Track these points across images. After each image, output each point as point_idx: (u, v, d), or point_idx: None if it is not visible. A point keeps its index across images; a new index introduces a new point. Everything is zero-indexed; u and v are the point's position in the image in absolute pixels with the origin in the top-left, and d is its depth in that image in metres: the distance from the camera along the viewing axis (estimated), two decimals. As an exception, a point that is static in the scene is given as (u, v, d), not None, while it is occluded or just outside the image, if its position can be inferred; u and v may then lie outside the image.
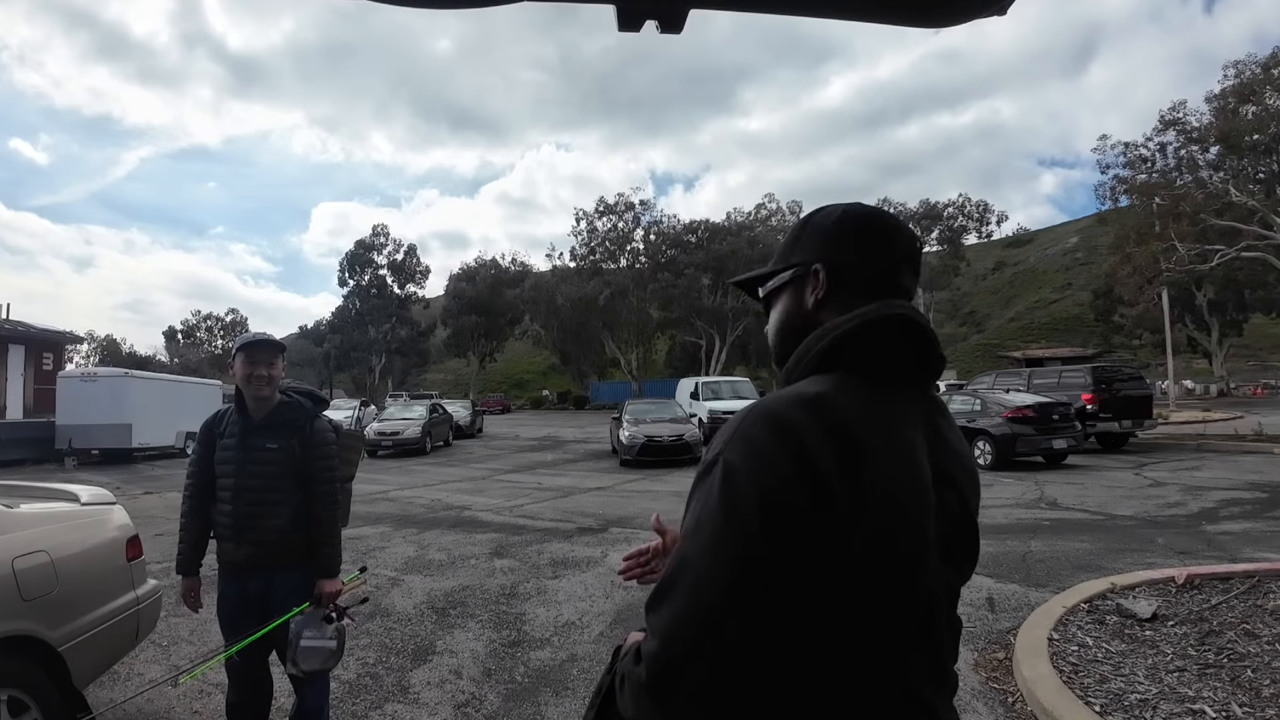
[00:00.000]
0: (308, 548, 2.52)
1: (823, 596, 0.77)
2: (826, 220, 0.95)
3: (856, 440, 0.77)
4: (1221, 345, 39.61)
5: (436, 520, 8.44)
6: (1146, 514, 7.79)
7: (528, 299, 49.45)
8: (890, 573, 0.79)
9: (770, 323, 1.00)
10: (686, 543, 0.78)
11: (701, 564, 0.76)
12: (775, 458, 0.75)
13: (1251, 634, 3.59)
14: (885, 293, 0.89)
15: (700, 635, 0.75)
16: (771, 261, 1.01)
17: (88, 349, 62.51)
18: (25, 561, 2.44)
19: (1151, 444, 15.42)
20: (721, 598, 0.75)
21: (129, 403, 17.37)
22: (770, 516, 0.74)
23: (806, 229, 0.97)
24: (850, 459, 0.76)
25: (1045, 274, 74.26)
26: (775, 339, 0.99)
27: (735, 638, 0.75)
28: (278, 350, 2.54)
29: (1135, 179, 27.43)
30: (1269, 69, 24.38)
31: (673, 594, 0.77)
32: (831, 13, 0.66)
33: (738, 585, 0.75)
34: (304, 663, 2.42)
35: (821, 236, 0.94)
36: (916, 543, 0.80)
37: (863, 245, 0.92)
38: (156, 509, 9.13)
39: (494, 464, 15.76)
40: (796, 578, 0.76)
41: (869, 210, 0.96)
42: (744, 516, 0.74)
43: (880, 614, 0.79)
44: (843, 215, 0.94)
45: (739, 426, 0.80)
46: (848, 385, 0.81)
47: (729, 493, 0.75)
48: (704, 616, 0.75)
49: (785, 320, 0.96)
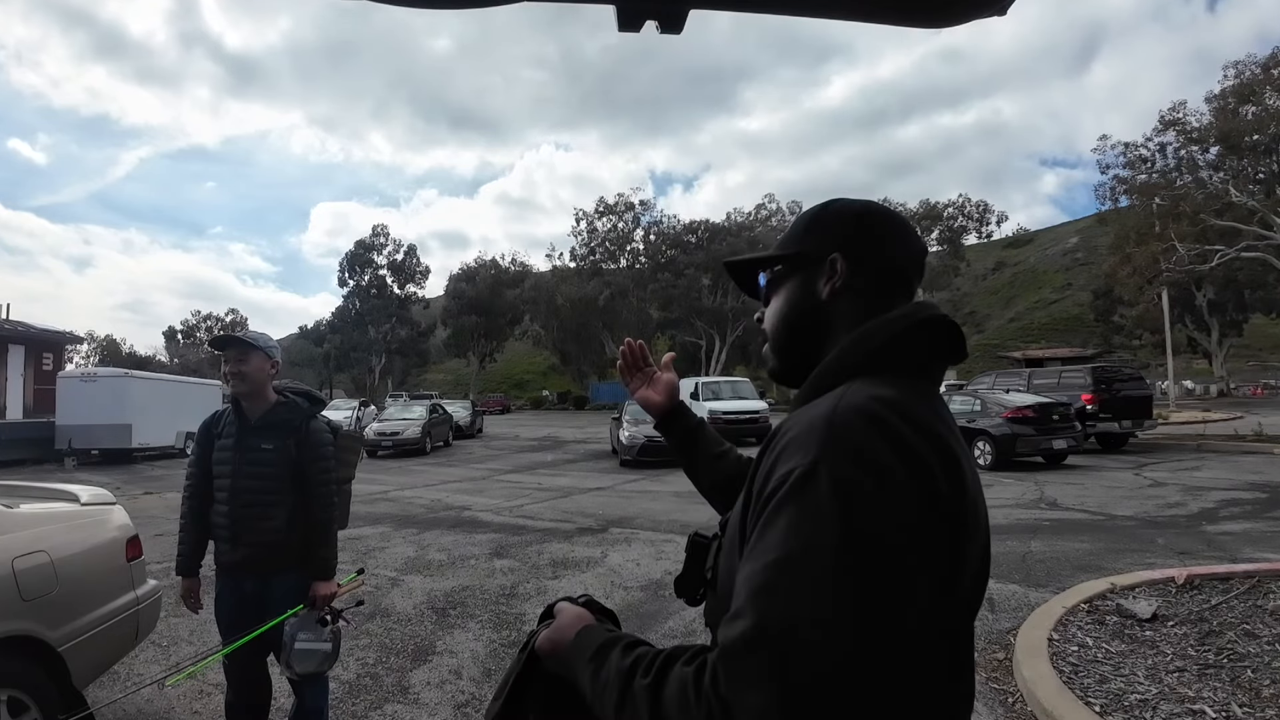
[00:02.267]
0: (304, 549, 2.51)
1: (926, 629, 0.66)
2: (848, 211, 0.91)
3: (952, 450, 0.71)
4: (1221, 345, 39.62)
5: (436, 520, 8.44)
6: (1146, 514, 7.79)
7: (528, 299, 49.48)
8: (972, 596, 0.74)
9: (771, 310, 0.94)
10: (776, 587, 0.63)
11: (792, 581, 0.63)
12: (892, 468, 0.66)
13: (1251, 634, 3.59)
14: (898, 291, 0.87)
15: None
16: (778, 244, 0.94)
17: (88, 349, 62.58)
18: (25, 561, 2.44)
19: (1151, 444, 15.42)
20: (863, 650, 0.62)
21: (129, 403, 17.36)
22: (901, 538, 0.64)
23: (821, 218, 0.92)
24: (953, 462, 0.70)
25: (1045, 274, 74.27)
26: (777, 326, 0.92)
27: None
28: (247, 346, 2.50)
29: (1135, 179, 27.47)
30: (1269, 69, 24.41)
31: (757, 620, 0.63)
32: (831, 13, 0.66)
33: (879, 633, 0.62)
34: (298, 665, 2.41)
35: (842, 227, 0.89)
36: (986, 560, 0.76)
37: (884, 241, 0.88)
38: (156, 509, 9.13)
39: (494, 464, 15.76)
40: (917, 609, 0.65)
41: (889, 209, 0.94)
42: (863, 531, 0.63)
43: (957, 640, 0.73)
44: (865, 208, 0.91)
45: (824, 427, 0.69)
46: (910, 389, 0.75)
47: (820, 497, 0.64)
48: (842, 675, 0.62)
49: (791, 310, 0.91)
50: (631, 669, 0.75)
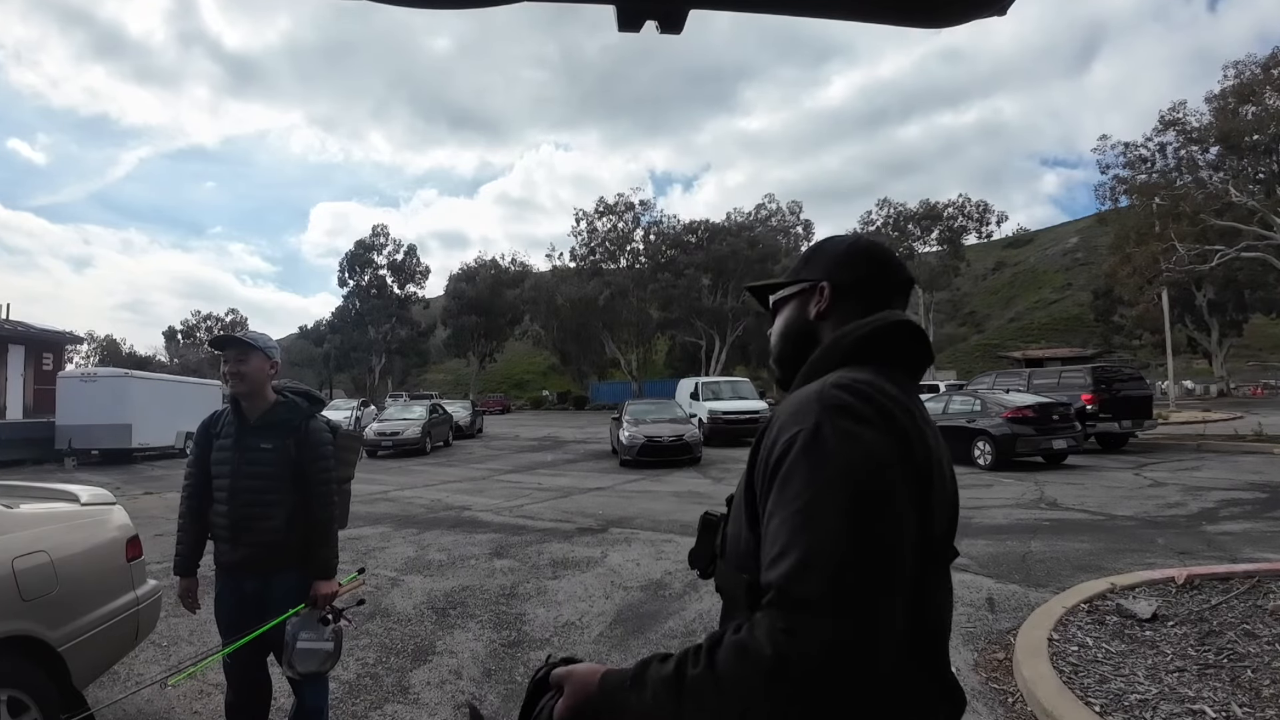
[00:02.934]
0: (304, 549, 2.51)
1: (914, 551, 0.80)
2: (838, 246, 1.11)
3: (913, 413, 0.88)
4: (1221, 345, 39.61)
5: (436, 520, 8.43)
6: (1146, 514, 7.79)
7: (528, 299, 49.44)
8: (946, 544, 0.89)
9: (775, 326, 1.15)
10: (811, 521, 0.76)
11: (821, 519, 0.76)
12: (872, 419, 0.82)
13: (1251, 634, 3.58)
14: (876, 311, 1.02)
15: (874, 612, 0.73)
16: (787, 274, 1.16)
17: (87, 349, 62.56)
18: (25, 562, 2.44)
19: (1151, 444, 15.41)
20: (890, 568, 0.76)
21: (129, 403, 17.35)
22: (892, 478, 0.79)
23: (819, 251, 1.13)
24: (917, 428, 0.87)
25: (1045, 274, 74.24)
26: (777, 340, 1.13)
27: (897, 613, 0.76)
28: (246, 346, 2.50)
29: (1135, 179, 27.46)
30: (1269, 69, 24.39)
31: (801, 556, 0.75)
32: (831, 13, 0.66)
33: (897, 554, 0.77)
34: (300, 665, 2.41)
35: (831, 259, 1.09)
36: (954, 516, 0.93)
37: (864, 270, 1.06)
38: (156, 509, 9.13)
39: (494, 464, 15.75)
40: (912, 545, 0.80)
41: (874, 243, 1.13)
42: (865, 470, 0.78)
43: (936, 586, 0.87)
44: (852, 243, 1.10)
45: (815, 400, 0.85)
46: (880, 374, 0.92)
47: (828, 451, 0.79)
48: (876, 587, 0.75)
49: (788, 326, 1.11)
50: (678, 668, 0.80)
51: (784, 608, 0.73)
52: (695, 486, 11.26)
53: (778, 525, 0.78)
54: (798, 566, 0.74)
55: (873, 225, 45.05)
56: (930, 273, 43.94)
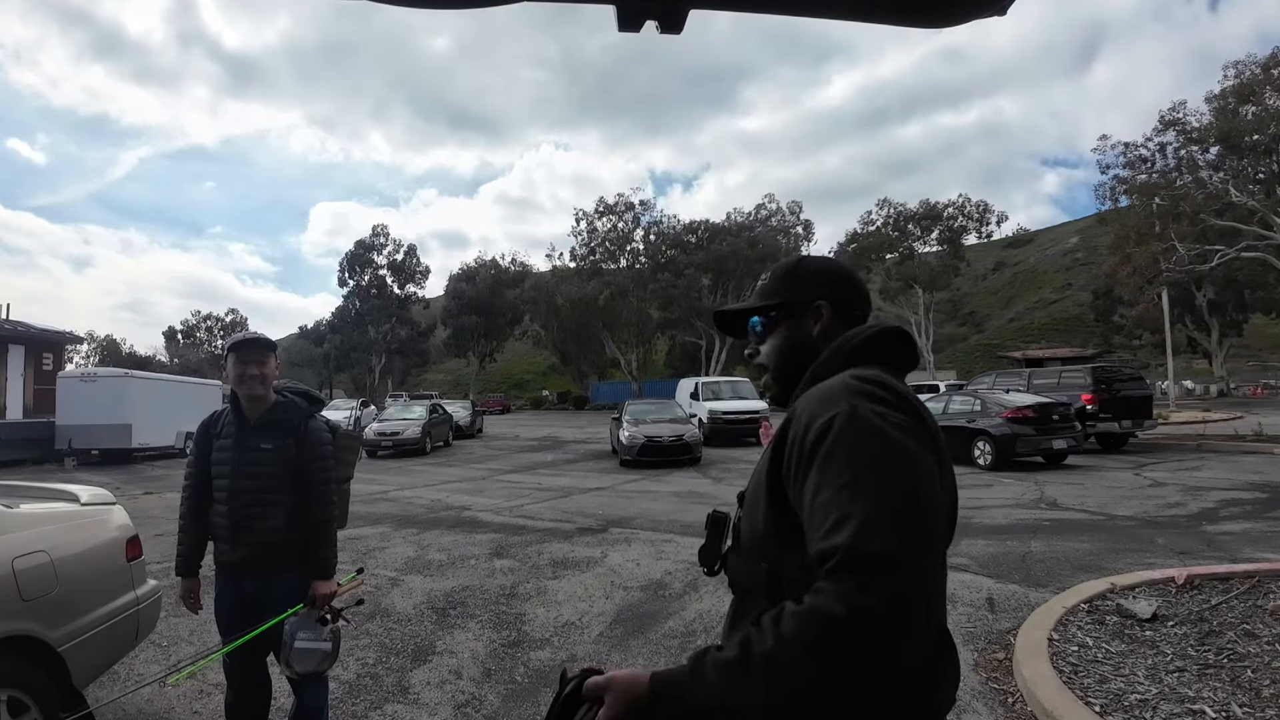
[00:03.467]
0: (304, 549, 2.51)
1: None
2: (831, 270, 1.19)
3: (922, 403, 0.99)
4: (1221, 345, 39.60)
5: (436, 520, 8.43)
6: (1146, 514, 7.79)
7: (528, 299, 49.42)
8: (951, 516, 0.99)
9: (769, 348, 1.18)
10: (867, 488, 0.82)
11: (874, 485, 0.82)
12: (898, 404, 0.93)
13: (1251, 634, 3.58)
14: (858, 325, 1.14)
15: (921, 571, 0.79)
16: (755, 298, 1.22)
17: (88, 349, 62.52)
18: (25, 562, 2.44)
19: (1151, 444, 15.41)
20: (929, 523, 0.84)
21: (129, 403, 17.36)
22: (925, 450, 0.89)
23: (799, 274, 1.19)
24: (930, 415, 0.98)
25: (1045, 274, 74.23)
26: (777, 360, 1.17)
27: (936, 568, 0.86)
28: (268, 349, 2.52)
29: (1135, 179, 27.45)
30: (1269, 69, 24.39)
31: (865, 517, 0.80)
32: (831, 13, 0.66)
33: (934, 509, 0.86)
34: (298, 664, 2.41)
35: (827, 282, 1.16)
36: (955, 503, 1.02)
37: (850, 292, 1.17)
38: (156, 509, 9.13)
39: (494, 464, 15.75)
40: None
41: (850, 267, 1.27)
42: (902, 443, 0.86)
43: (944, 562, 0.94)
44: (840, 267, 1.21)
45: (841, 389, 0.93)
46: (885, 372, 1.01)
47: (866, 428, 0.87)
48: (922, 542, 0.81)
49: (789, 345, 1.16)
50: (743, 649, 0.81)
51: (852, 568, 0.77)
52: (695, 486, 11.26)
53: (830, 497, 0.83)
54: (863, 527, 0.78)
55: (873, 225, 44.95)
56: (930, 273, 43.85)
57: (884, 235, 44.32)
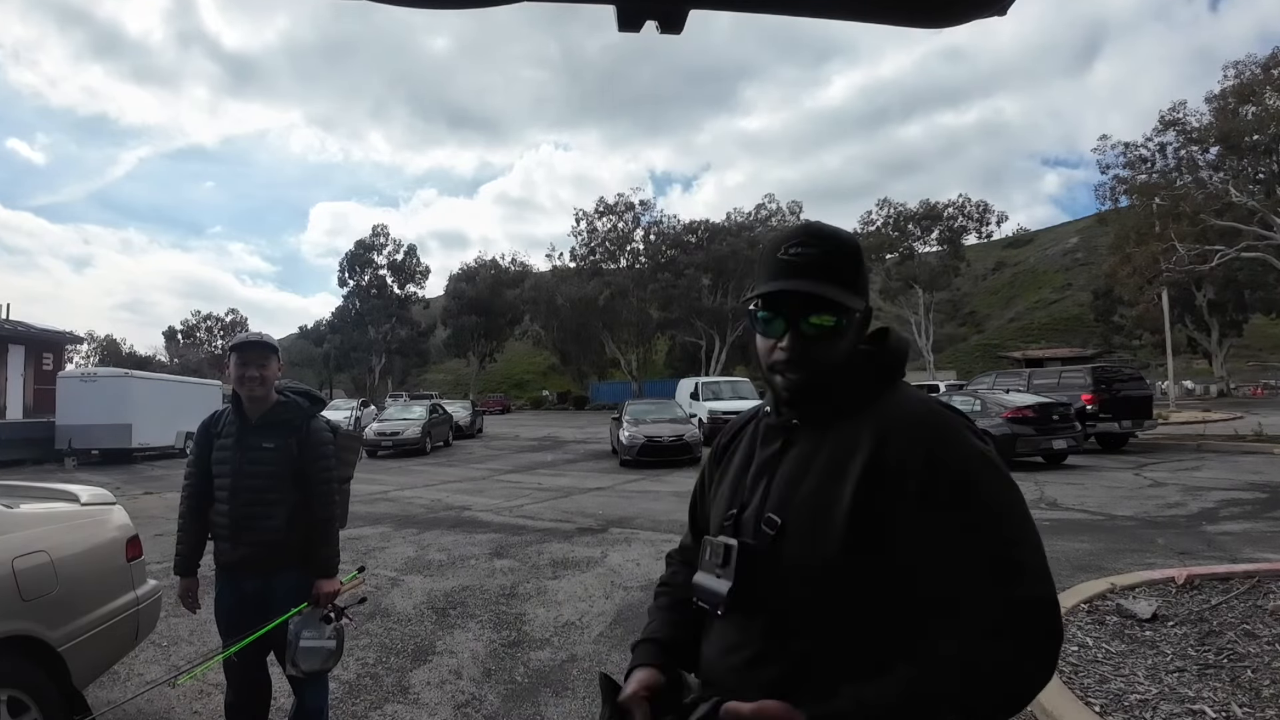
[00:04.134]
0: (305, 548, 2.51)
1: None
2: (863, 260, 1.05)
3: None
4: (1221, 345, 39.59)
5: (436, 520, 8.43)
6: (1146, 514, 7.79)
7: (528, 299, 49.43)
8: None
9: (837, 352, 0.99)
10: (1027, 536, 0.88)
11: (1030, 531, 0.89)
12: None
13: (1251, 634, 3.58)
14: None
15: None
16: (845, 287, 0.98)
17: (88, 349, 62.50)
18: (25, 561, 2.44)
19: (1151, 444, 15.41)
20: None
21: (129, 403, 17.36)
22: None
23: (864, 268, 1.04)
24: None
25: (1045, 274, 74.25)
26: (833, 372, 0.99)
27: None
28: (270, 351, 2.52)
29: (1135, 179, 27.45)
30: (1269, 69, 24.39)
31: (1035, 565, 0.87)
32: (831, 13, 0.66)
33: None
34: (303, 663, 2.42)
35: (866, 279, 1.06)
36: None
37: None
38: (156, 509, 9.13)
39: (494, 464, 15.75)
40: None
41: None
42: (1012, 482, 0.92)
43: None
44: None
45: (947, 419, 0.94)
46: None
47: (1002, 470, 0.91)
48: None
49: (846, 350, 1.01)
50: (910, 688, 0.83)
51: (1042, 617, 0.85)
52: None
53: (984, 540, 0.86)
54: (1038, 578, 0.86)
55: (873, 225, 44.95)
56: (930, 273, 43.86)
57: (884, 235, 44.32)
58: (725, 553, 0.98)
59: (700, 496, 1.24)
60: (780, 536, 0.96)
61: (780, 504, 0.98)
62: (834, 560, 0.91)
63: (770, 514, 0.98)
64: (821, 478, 0.95)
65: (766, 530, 0.97)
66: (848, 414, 0.98)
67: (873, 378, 1.00)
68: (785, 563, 0.94)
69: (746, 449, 1.11)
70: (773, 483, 1.01)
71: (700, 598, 1.01)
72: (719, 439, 1.24)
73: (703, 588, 1.01)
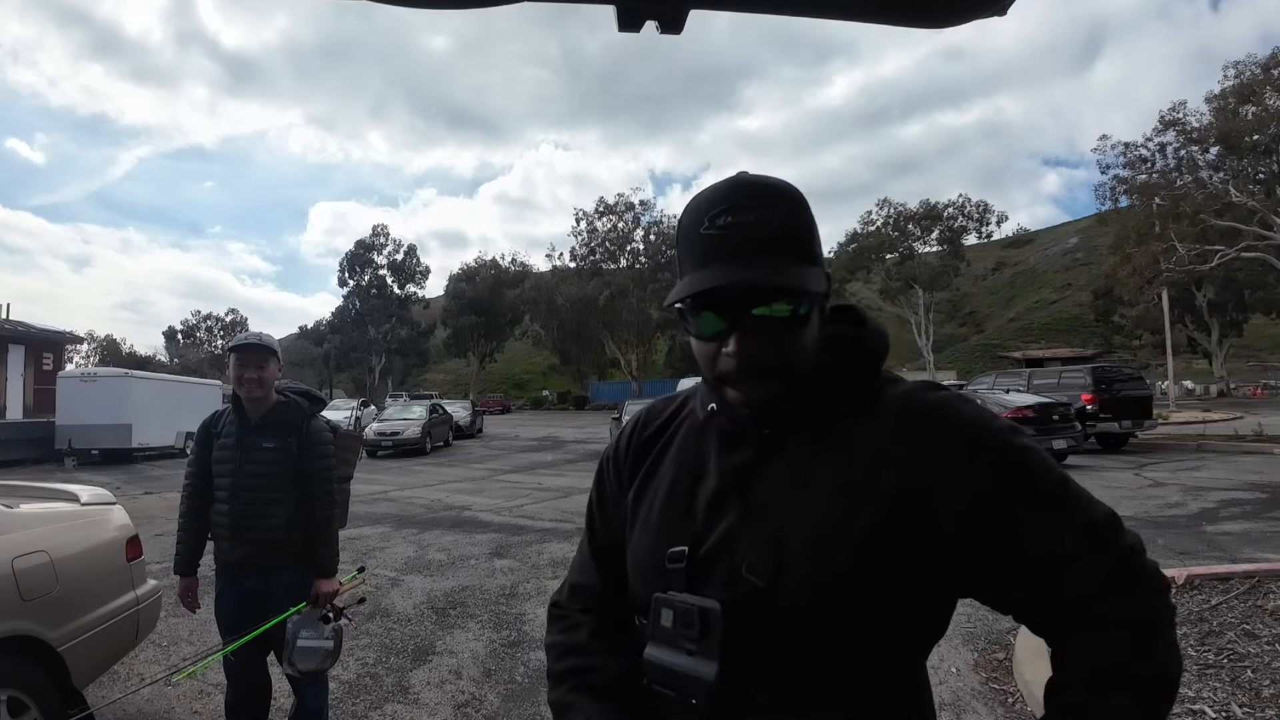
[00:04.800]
0: (305, 548, 2.51)
1: None
2: (813, 220, 0.77)
3: None
4: (1221, 346, 39.61)
5: (436, 520, 8.44)
6: (1146, 514, 7.79)
7: (528, 299, 49.47)
8: None
9: (803, 349, 0.75)
10: (1076, 511, 0.77)
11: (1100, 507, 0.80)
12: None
13: (1251, 634, 3.58)
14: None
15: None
16: (798, 259, 0.73)
17: (88, 349, 62.51)
18: (25, 561, 2.44)
19: (1151, 444, 15.41)
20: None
21: (129, 403, 17.37)
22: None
23: (815, 226, 0.77)
24: None
25: (1045, 274, 74.29)
26: (805, 357, 0.75)
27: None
28: (268, 353, 2.51)
29: (1135, 179, 27.48)
30: (1269, 69, 24.41)
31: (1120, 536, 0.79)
32: (830, 13, 0.66)
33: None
34: (301, 663, 2.42)
35: (816, 234, 0.78)
36: None
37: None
38: (156, 509, 9.13)
39: (494, 464, 15.76)
40: None
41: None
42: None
43: None
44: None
45: (990, 422, 0.79)
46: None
47: (1046, 458, 0.81)
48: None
49: (813, 338, 0.76)
50: (1139, 688, 0.72)
51: (1142, 565, 0.77)
52: (695, 486, 11.25)
53: (1070, 528, 0.75)
54: (1112, 521, 0.79)
55: (873, 225, 45.02)
56: (930, 273, 43.88)
57: (884, 235, 44.36)
58: (701, 620, 0.72)
59: (601, 515, 0.94)
60: (775, 588, 0.72)
61: (771, 542, 0.73)
62: (858, 614, 0.70)
63: (755, 556, 0.73)
64: (829, 502, 0.72)
65: (752, 579, 0.72)
66: (843, 414, 0.76)
67: (868, 367, 0.80)
68: (787, 625, 0.71)
69: (687, 457, 0.83)
70: (749, 510, 0.75)
71: (660, 681, 0.75)
72: (631, 431, 0.92)
73: (665, 668, 0.74)
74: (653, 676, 0.75)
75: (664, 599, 0.76)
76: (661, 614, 0.75)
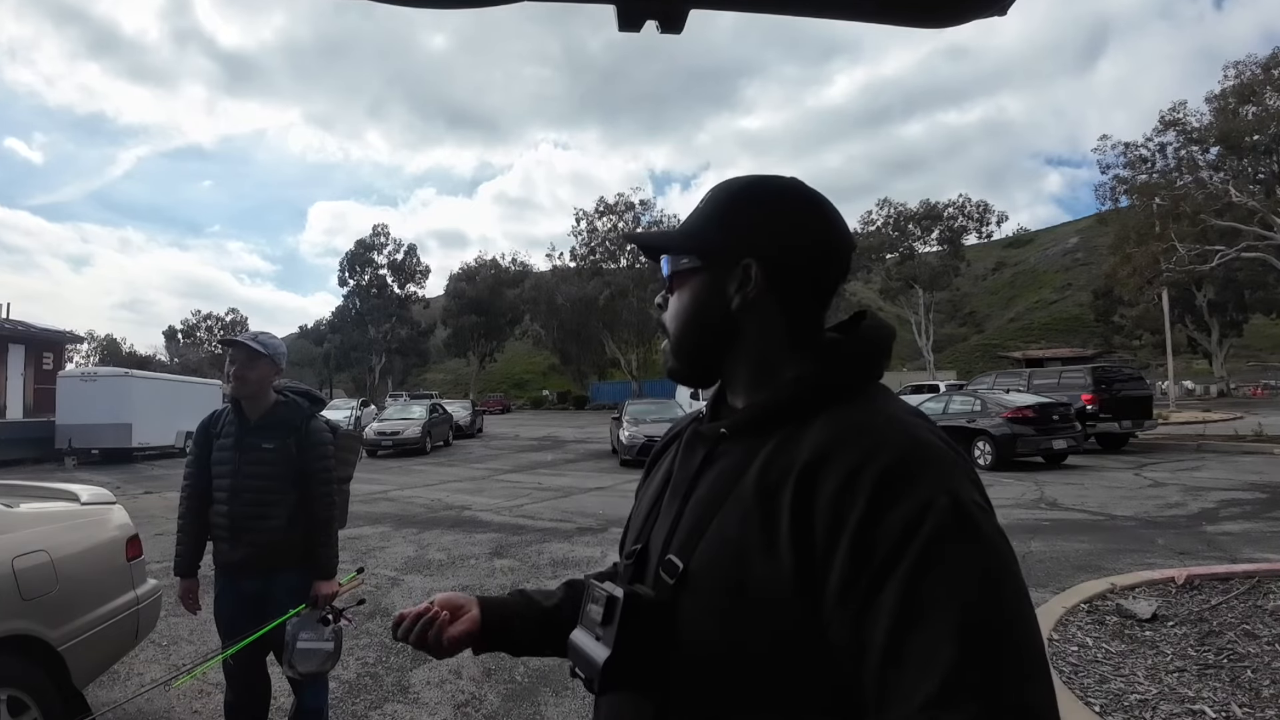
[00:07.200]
0: (305, 549, 2.51)
1: None
2: (771, 201, 0.77)
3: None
4: (1221, 346, 39.62)
5: (436, 520, 8.44)
6: (1146, 514, 7.79)
7: (528, 299, 49.48)
8: None
9: (675, 308, 0.80)
10: (1013, 633, 0.56)
11: (1017, 613, 0.58)
12: (978, 481, 0.67)
13: (1251, 634, 3.58)
14: (820, 301, 0.77)
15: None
16: (685, 225, 0.81)
17: (88, 349, 62.58)
18: (25, 561, 2.44)
19: (1151, 444, 15.41)
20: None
21: (129, 403, 17.37)
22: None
23: (738, 209, 0.78)
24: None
25: (1045, 274, 74.32)
26: (682, 332, 0.79)
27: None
28: (255, 354, 2.48)
29: (1135, 179, 27.51)
30: (1269, 69, 24.43)
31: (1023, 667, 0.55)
32: (831, 13, 0.66)
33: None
34: (300, 665, 2.41)
35: (763, 227, 0.75)
36: None
37: (811, 237, 0.76)
38: (156, 509, 9.13)
39: (494, 464, 15.76)
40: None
41: (818, 198, 0.78)
42: (1013, 558, 0.63)
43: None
44: (792, 205, 0.77)
45: (915, 450, 0.63)
46: (888, 392, 0.74)
47: (983, 525, 0.63)
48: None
49: (698, 314, 0.78)
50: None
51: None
52: (695, 486, 11.25)
53: (941, 645, 0.54)
54: (1035, 682, 0.55)
55: (873, 225, 45.00)
56: (930, 273, 43.89)
57: (884, 235, 44.35)
58: (608, 606, 0.72)
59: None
60: (680, 587, 0.70)
61: (684, 543, 0.72)
62: (744, 628, 0.65)
63: (672, 556, 0.72)
64: (740, 510, 0.68)
65: (665, 577, 0.72)
66: (792, 421, 0.70)
67: (834, 372, 0.72)
68: (684, 625, 0.69)
69: (671, 462, 0.87)
70: (683, 513, 0.75)
71: (573, 661, 0.75)
72: (657, 446, 1.01)
73: (577, 651, 0.75)
74: (570, 658, 0.77)
75: (592, 583, 0.78)
76: (588, 600, 0.78)
